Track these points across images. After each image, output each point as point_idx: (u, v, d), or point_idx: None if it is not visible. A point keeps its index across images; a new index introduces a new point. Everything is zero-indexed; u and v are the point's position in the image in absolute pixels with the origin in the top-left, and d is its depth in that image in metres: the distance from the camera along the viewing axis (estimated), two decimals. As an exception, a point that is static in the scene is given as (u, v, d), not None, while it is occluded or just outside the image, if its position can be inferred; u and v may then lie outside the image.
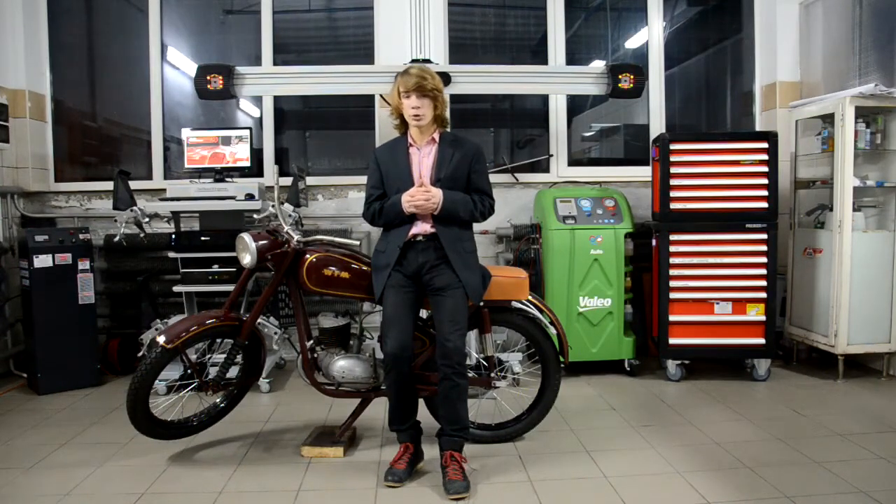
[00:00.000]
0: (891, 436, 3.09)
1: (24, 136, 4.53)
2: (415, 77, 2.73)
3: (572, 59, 5.02)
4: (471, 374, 3.08)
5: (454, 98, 4.47)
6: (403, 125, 2.87)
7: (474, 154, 2.86)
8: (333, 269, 2.89)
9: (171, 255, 3.96)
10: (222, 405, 3.11)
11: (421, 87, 2.72)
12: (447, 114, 2.88)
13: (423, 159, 2.83)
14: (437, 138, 2.84)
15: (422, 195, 2.71)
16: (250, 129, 4.27)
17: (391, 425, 2.84)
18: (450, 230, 2.79)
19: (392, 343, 2.66)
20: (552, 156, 4.94)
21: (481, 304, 2.90)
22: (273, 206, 3.12)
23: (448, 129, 2.92)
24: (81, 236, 4.08)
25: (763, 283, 3.99)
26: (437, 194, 2.72)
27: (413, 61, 4.23)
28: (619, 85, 4.13)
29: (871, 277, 3.93)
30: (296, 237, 2.92)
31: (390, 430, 2.85)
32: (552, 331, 3.12)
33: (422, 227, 2.79)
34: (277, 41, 4.87)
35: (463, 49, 4.94)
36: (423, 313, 3.09)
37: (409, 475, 2.69)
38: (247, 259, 2.87)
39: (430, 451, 2.84)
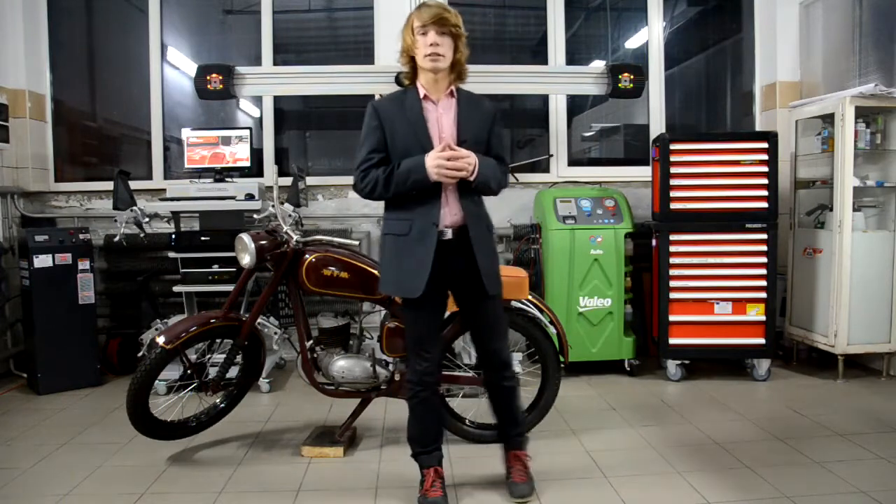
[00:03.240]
0: (891, 436, 3.09)
1: (24, 136, 4.53)
2: (434, 8, 2.28)
3: (572, 59, 5.02)
4: (470, 373, 3.08)
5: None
6: (413, 74, 2.40)
7: (495, 114, 2.45)
8: (333, 269, 2.89)
9: (171, 255, 3.96)
10: (222, 405, 3.11)
11: (441, 21, 2.26)
12: (466, 64, 2.40)
13: (440, 116, 2.35)
14: (454, 92, 2.40)
15: (453, 160, 2.23)
16: (250, 129, 4.27)
17: (415, 447, 2.54)
18: (477, 209, 2.39)
19: (424, 364, 2.45)
20: (552, 156, 4.94)
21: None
22: (273, 206, 3.12)
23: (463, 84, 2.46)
24: (81, 236, 4.08)
25: (763, 283, 3.99)
26: (471, 156, 2.26)
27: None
28: (619, 85, 4.13)
29: (871, 277, 3.93)
30: (295, 237, 2.92)
31: (412, 456, 2.56)
32: (552, 330, 3.12)
33: (451, 218, 2.34)
34: (277, 41, 4.87)
35: (463, 49, 4.93)
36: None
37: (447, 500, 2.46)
38: (246, 259, 2.87)
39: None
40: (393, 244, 2.39)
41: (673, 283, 4.04)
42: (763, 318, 4.00)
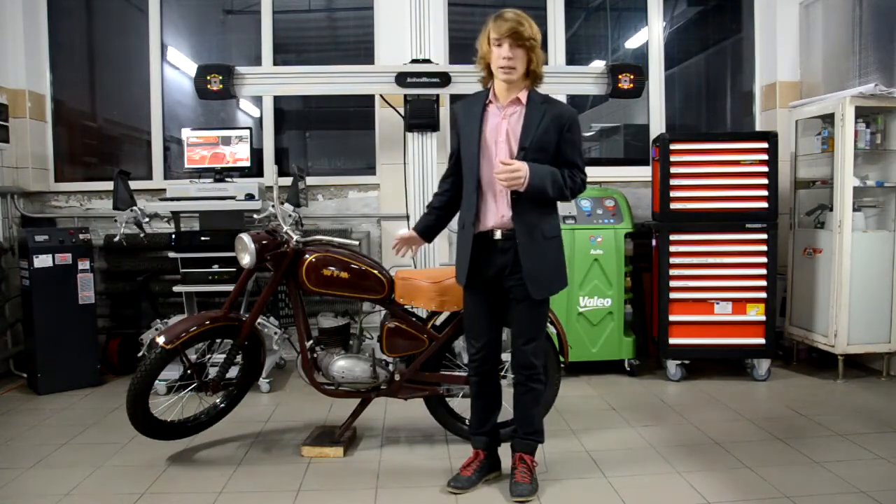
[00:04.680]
0: (891, 436, 3.09)
1: (24, 136, 4.53)
2: (510, 22, 2.33)
3: (572, 59, 5.03)
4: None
5: (454, 98, 4.46)
6: (489, 78, 2.49)
7: (568, 119, 2.44)
8: (333, 269, 2.89)
9: (171, 255, 3.96)
10: (222, 405, 3.11)
11: (517, 34, 2.33)
12: (542, 70, 2.45)
13: (501, 122, 2.44)
14: (523, 98, 2.44)
15: (504, 173, 2.33)
16: (250, 129, 4.27)
17: (469, 429, 2.78)
18: (528, 216, 2.43)
19: (472, 350, 2.61)
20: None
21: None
22: (273, 206, 3.12)
23: (538, 88, 2.51)
24: (81, 236, 4.08)
25: (763, 283, 3.99)
26: (522, 168, 2.32)
27: (413, 61, 4.22)
28: (619, 85, 4.12)
29: (871, 277, 3.93)
30: (295, 237, 2.91)
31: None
32: (552, 330, 3.11)
33: (499, 219, 2.45)
34: (277, 41, 4.87)
35: (463, 49, 4.92)
36: (424, 312, 3.10)
37: (474, 483, 2.60)
38: (246, 259, 2.87)
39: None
40: (457, 237, 2.61)
41: (673, 283, 4.04)
42: (763, 318, 4.00)
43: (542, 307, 2.56)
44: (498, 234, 2.47)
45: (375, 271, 2.96)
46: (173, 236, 3.95)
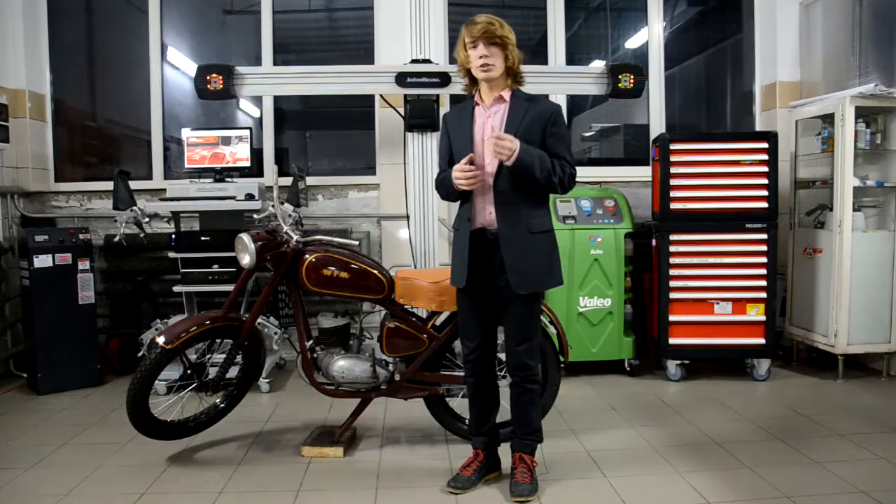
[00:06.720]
0: (891, 436, 3.09)
1: (24, 136, 4.53)
2: (481, 24, 2.44)
3: (572, 59, 5.03)
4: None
5: (454, 98, 4.47)
6: (473, 85, 2.58)
7: (551, 114, 2.50)
8: (333, 269, 2.89)
9: (171, 255, 3.96)
10: (222, 405, 3.11)
11: (489, 34, 2.43)
12: (520, 68, 2.54)
13: (486, 121, 2.52)
14: (506, 96, 2.52)
15: (498, 140, 2.35)
16: (250, 129, 4.27)
17: (468, 429, 2.81)
18: (513, 208, 2.47)
19: (465, 348, 2.64)
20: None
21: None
22: (273, 206, 3.12)
23: (522, 87, 2.60)
24: (81, 236, 4.08)
25: (763, 283, 3.99)
26: (515, 142, 2.35)
27: (413, 61, 4.22)
28: (619, 85, 4.12)
29: (871, 277, 3.93)
30: (295, 237, 2.91)
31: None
32: (552, 330, 3.11)
33: (486, 217, 2.51)
34: (277, 41, 4.87)
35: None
36: (424, 312, 3.11)
37: (474, 483, 2.60)
38: (246, 259, 2.87)
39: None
40: (453, 239, 2.66)
41: (673, 283, 4.04)
42: (763, 318, 4.00)
43: (534, 307, 2.56)
44: (489, 232, 2.50)
45: (375, 271, 2.96)
46: (173, 236, 3.94)
